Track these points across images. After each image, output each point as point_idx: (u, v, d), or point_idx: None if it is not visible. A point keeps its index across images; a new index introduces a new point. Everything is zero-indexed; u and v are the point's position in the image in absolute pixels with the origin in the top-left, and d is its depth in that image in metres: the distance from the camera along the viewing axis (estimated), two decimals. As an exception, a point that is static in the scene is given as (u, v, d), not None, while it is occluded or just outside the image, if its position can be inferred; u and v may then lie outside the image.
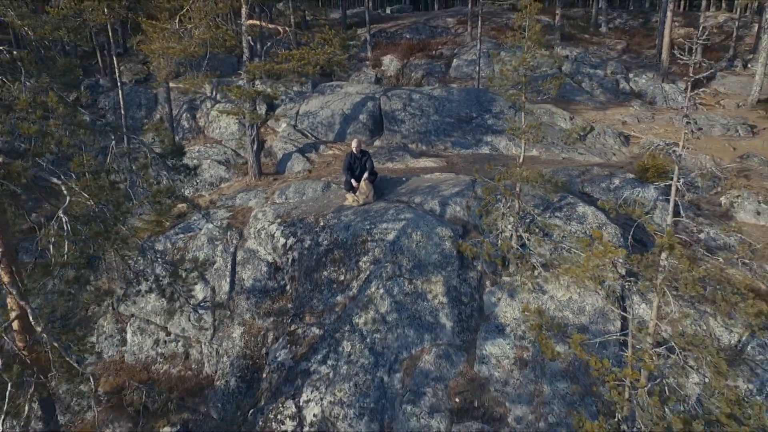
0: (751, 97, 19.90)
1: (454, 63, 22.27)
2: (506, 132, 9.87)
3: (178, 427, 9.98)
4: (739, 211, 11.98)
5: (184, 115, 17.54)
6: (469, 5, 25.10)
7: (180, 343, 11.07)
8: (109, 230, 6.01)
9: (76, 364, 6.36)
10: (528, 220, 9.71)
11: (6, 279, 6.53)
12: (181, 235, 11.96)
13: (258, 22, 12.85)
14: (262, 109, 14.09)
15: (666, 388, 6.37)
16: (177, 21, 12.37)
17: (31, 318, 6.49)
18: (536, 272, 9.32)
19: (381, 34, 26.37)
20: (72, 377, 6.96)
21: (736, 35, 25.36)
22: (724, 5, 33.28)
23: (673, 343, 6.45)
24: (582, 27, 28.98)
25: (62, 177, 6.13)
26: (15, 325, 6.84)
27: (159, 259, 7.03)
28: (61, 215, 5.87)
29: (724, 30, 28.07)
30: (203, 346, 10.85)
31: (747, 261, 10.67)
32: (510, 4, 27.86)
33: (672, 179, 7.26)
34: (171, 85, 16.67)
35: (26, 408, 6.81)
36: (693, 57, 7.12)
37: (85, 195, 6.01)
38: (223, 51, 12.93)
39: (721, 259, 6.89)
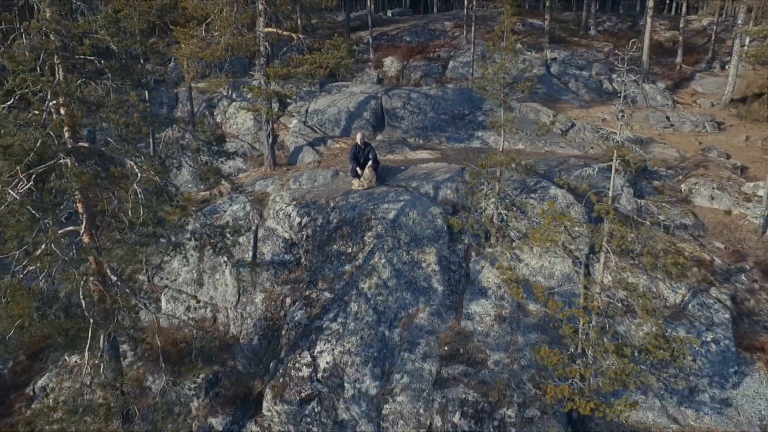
0: (725, 96, 21.60)
1: (451, 65, 23.95)
2: (487, 124, 11.52)
3: (210, 377, 11.72)
4: (696, 196, 13.69)
5: (204, 112, 19.26)
6: (465, 10, 26.74)
7: (208, 309, 12.79)
8: (171, 199, 7.74)
9: (143, 305, 8.09)
10: (507, 200, 11.42)
11: (87, 240, 8.27)
12: (209, 217, 13.67)
13: (275, 30, 14.56)
14: (275, 107, 15.76)
15: (607, 324, 8.09)
16: (203, 29, 14.10)
17: (108, 270, 8.26)
18: (513, 244, 11.04)
19: (382, 37, 28.04)
20: (135, 321, 8.73)
21: (715, 38, 27.04)
22: (705, 9, 34.88)
23: (613, 290, 8.18)
24: (573, 30, 30.60)
25: (133, 159, 7.86)
26: (92, 278, 8.57)
27: (208, 225, 8.75)
28: (136, 187, 7.60)
29: (707, 33, 29.70)
30: (229, 311, 12.57)
31: (698, 236, 12.41)
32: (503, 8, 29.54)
33: (612, 161, 8.94)
34: (191, 84, 18.38)
35: (101, 344, 8.58)
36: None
37: (152, 173, 7.74)
38: (245, 55, 14.65)
39: (648, 222, 8.55)
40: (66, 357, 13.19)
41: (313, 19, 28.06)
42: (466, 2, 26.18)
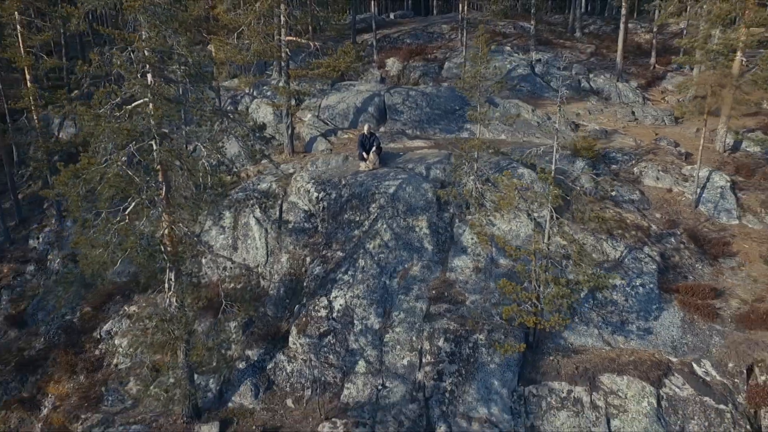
0: (689, 93, 24.26)
1: (446, 65, 26.65)
2: (467, 117, 14.24)
3: (246, 320, 14.55)
4: (645, 177, 16.45)
5: (229, 107, 22.06)
6: (460, 14, 29.40)
7: (243, 269, 15.62)
8: (230, 171, 10.58)
9: (206, 249, 10.94)
10: (483, 177, 14.21)
11: (165, 200, 11.13)
12: (242, 194, 16.51)
13: (294, 38, 17.35)
14: (293, 102, 18.48)
15: (549, 263, 10.90)
16: (235, 37, 16.90)
17: (180, 223, 11.12)
18: (488, 212, 13.84)
19: (385, 40, 30.75)
20: (198, 267, 11.60)
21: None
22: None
23: (558, 238, 10.99)
24: (560, 32, 33.21)
25: (199, 141, 10.69)
26: (166, 232, 11.43)
27: (254, 190, 11.57)
28: (204, 162, 10.44)
29: (683, 35, 32.29)
30: (260, 269, 15.40)
31: (643, 209, 15.20)
32: (506, 5, 32.03)
33: (550, 147, 11.71)
34: (220, 83, 21.19)
35: (173, 282, 11.46)
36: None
37: (214, 151, 10.57)
38: (268, 59, 17.43)
39: (578, 188, 11.32)
40: (126, 307, 16.10)
41: (322, 21, 30.87)
42: (460, 7, 28.85)
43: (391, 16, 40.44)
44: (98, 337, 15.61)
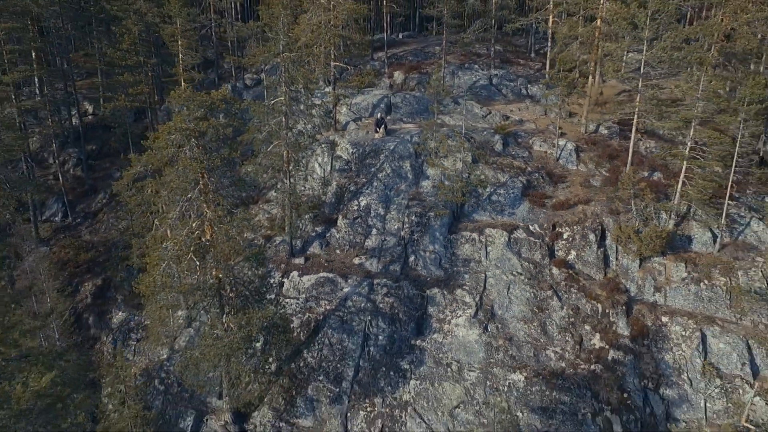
0: (603, 97, 36.85)
1: (434, 77, 39.59)
2: (430, 109, 27.24)
3: (311, 215, 27.68)
4: (533, 146, 29.37)
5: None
6: (443, 40, 42.30)
7: (312, 190, 28.78)
8: (311, 135, 23.88)
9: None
10: (438, 140, 27.31)
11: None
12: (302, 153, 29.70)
13: (339, 63, 30.51)
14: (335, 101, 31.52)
15: (467, 179, 24.09)
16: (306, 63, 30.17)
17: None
18: (440, 158, 26.96)
19: (393, 57, 43.76)
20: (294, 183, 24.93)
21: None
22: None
23: (477, 172, 24.17)
24: (521, 53, 45.95)
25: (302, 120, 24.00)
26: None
27: (324, 143, 24.79)
28: (304, 129, 23.77)
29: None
30: (320, 189, 28.54)
31: (528, 161, 28.14)
32: (476, 36, 44.80)
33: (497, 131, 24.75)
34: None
35: (288, 187, 24.85)
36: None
37: (300, 125, 23.88)
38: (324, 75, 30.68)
39: (491, 148, 24.25)
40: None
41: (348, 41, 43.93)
42: (444, 35, 41.72)
43: (400, 36, 53.34)
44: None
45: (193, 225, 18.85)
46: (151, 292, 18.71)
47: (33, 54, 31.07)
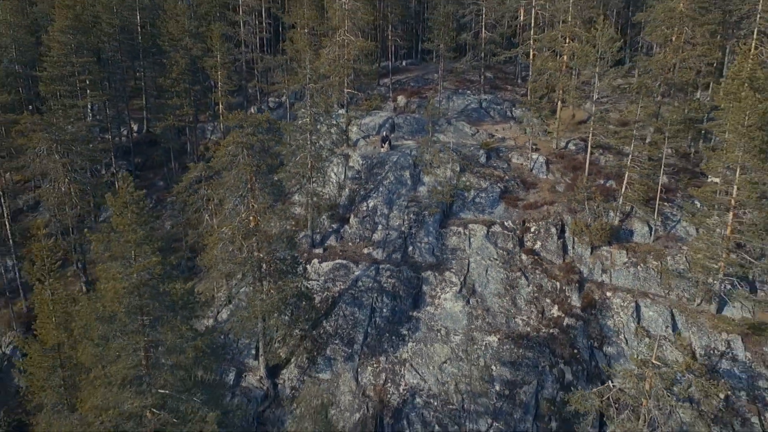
0: (575, 119, 43.02)
1: (432, 101, 46.00)
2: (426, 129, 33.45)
3: (332, 212, 33.80)
4: (512, 159, 35.51)
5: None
6: (440, 69, 48.66)
7: (329, 194, 34.94)
8: (332, 148, 30.14)
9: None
10: (432, 154, 33.46)
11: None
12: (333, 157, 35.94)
13: (351, 90, 36.93)
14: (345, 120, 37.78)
15: (454, 183, 30.21)
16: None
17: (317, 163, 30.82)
18: (434, 167, 33.10)
19: (397, 83, 50.25)
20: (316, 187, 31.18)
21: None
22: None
23: (463, 179, 30.31)
24: (510, 79, 52.37)
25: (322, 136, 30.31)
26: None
27: (339, 155, 31.00)
28: (324, 143, 30.05)
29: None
30: (335, 192, 34.67)
31: (507, 171, 34.32)
32: (470, 65, 51.26)
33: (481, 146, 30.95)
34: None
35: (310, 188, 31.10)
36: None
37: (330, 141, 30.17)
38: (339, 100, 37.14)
39: (476, 161, 30.35)
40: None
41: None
42: (441, 64, 48.12)
43: (403, 63, 59.99)
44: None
45: (243, 215, 24.99)
46: (212, 264, 24.75)
47: (86, 82, 37.71)
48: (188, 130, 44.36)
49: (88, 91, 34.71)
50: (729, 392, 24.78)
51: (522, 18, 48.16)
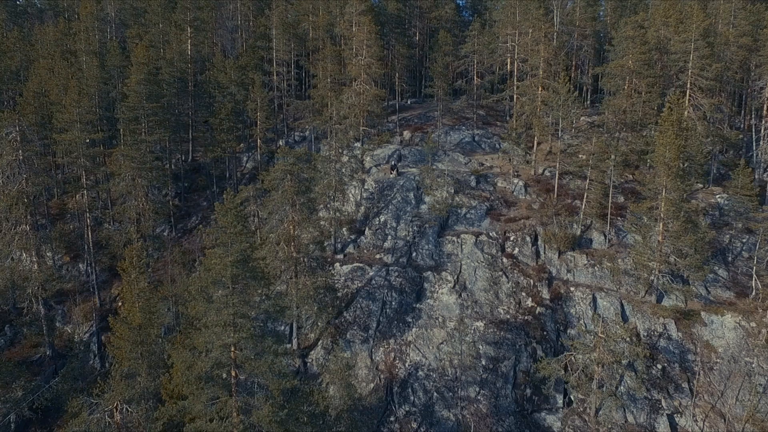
0: (553, 150, 50.93)
1: (433, 135, 54.25)
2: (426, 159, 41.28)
3: (352, 226, 41.50)
4: (497, 183, 43.29)
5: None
6: (439, 109, 57.02)
7: (348, 212, 42.73)
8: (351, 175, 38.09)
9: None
10: (431, 178, 41.28)
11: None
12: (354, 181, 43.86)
13: (366, 128, 45.14)
14: (363, 152, 45.76)
15: (450, 204, 37.98)
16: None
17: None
18: (433, 189, 40.89)
19: (403, 120, 58.70)
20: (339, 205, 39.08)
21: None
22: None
23: (457, 198, 38.11)
24: (500, 116, 60.69)
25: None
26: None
27: (357, 179, 38.89)
28: (348, 169, 38.04)
29: (567, 119, 59.30)
30: (352, 209, 42.45)
31: (492, 193, 42.13)
32: (467, 104, 59.65)
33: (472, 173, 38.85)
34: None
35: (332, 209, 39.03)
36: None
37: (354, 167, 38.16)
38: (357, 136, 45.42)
39: (469, 184, 38.08)
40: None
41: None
42: (439, 106, 56.49)
43: (409, 102, 68.66)
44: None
45: (285, 225, 32.71)
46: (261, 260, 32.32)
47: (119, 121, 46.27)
48: (227, 159, 52.71)
49: (155, 129, 43.11)
50: (665, 364, 31.68)
51: (509, 66, 56.76)
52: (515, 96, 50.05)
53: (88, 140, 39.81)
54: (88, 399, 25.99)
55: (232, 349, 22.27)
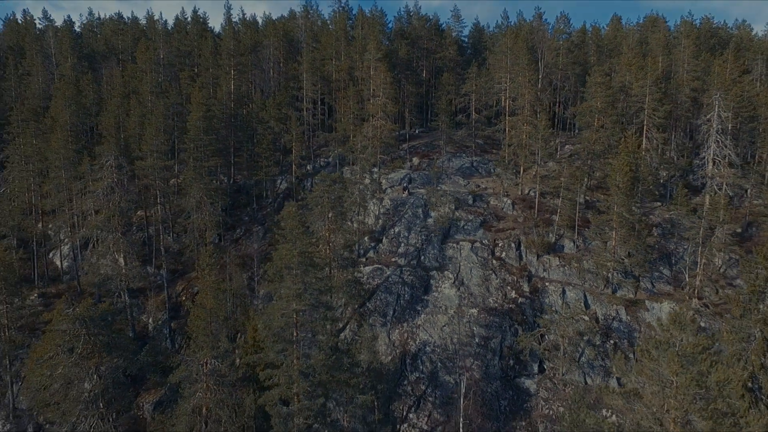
0: (539, 174, 60.65)
1: (438, 161, 64.17)
2: (432, 180, 50.98)
3: (371, 235, 51.17)
4: (490, 201, 53.01)
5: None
6: (443, 140, 67.01)
7: (369, 225, 52.44)
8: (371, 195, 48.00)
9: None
10: (435, 197, 51.02)
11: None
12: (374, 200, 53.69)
13: (381, 156, 55.14)
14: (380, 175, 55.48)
15: (452, 217, 47.74)
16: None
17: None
18: (438, 206, 50.62)
19: (412, 147, 68.69)
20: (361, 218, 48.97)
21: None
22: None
23: (457, 213, 47.90)
24: (496, 144, 70.66)
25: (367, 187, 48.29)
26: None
27: (375, 195, 48.71)
28: (366, 188, 47.99)
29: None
30: (371, 222, 52.16)
31: (486, 209, 51.93)
32: (467, 134, 69.73)
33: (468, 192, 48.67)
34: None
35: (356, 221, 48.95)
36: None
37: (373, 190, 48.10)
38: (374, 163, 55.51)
39: (466, 202, 47.72)
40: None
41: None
42: (443, 137, 66.46)
43: (416, 131, 78.84)
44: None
45: (323, 232, 42.43)
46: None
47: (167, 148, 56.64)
48: (265, 181, 62.91)
49: (211, 156, 53.42)
50: (617, 340, 40.74)
51: (503, 102, 67.00)
52: (507, 129, 60.06)
53: (162, 165, 50.08)
54: (184, 356, 35.37)
55: (294, 315, 31.82)
